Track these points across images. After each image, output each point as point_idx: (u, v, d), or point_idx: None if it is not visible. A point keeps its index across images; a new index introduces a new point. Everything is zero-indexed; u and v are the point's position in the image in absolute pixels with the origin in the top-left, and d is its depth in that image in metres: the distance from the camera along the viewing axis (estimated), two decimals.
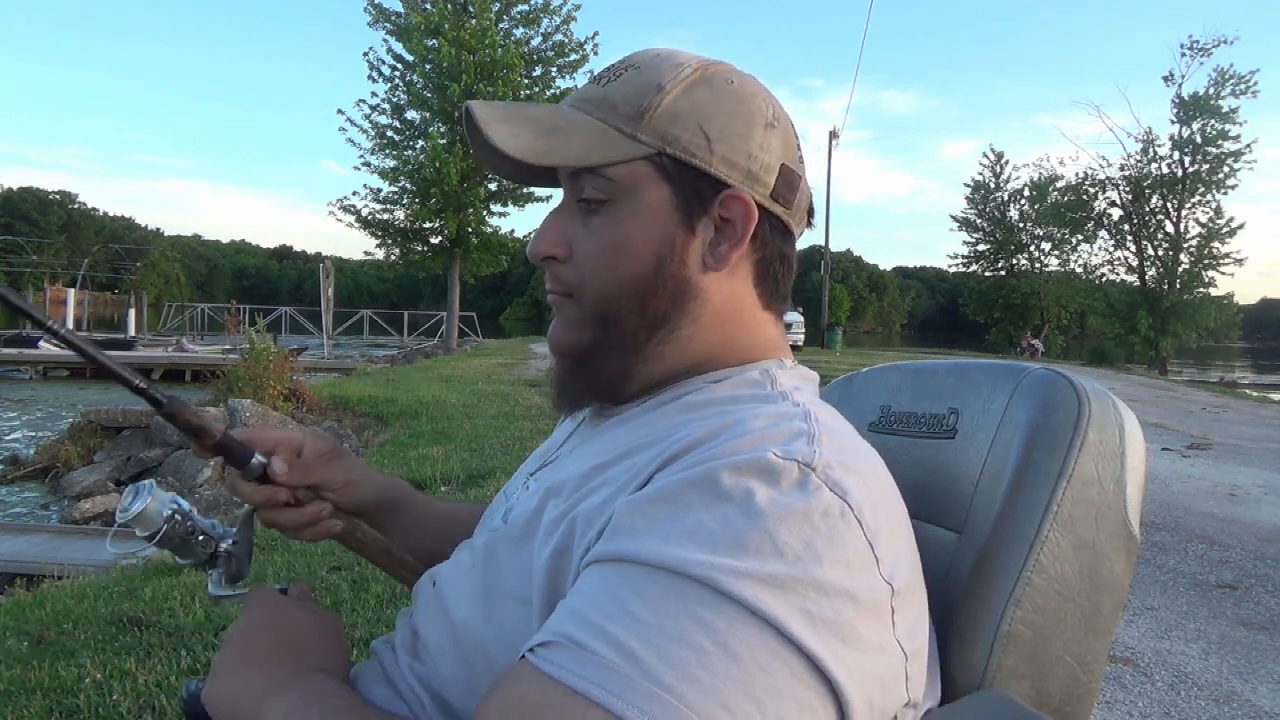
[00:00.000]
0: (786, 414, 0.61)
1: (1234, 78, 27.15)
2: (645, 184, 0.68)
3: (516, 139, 0.67)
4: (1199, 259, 28.53)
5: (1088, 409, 0.71)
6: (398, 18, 18.96)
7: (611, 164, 0.67)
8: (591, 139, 0.67)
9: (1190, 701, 2.73)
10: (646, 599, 0.50)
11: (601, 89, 0.70)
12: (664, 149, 0.67)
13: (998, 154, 38.38)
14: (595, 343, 0.71)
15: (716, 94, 0.69)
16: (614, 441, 0.68)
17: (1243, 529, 4.96)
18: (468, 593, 0.68)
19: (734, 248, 0.69)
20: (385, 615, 2.78)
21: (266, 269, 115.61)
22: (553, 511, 0.65)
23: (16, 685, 2.35)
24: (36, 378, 20.03)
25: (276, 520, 0.84)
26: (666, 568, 0.51)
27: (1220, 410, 12.41)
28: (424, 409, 8.64)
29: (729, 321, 0.71)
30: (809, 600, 0.50)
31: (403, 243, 20.66)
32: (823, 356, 20.10)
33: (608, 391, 0.73)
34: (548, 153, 0.67)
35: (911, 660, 0.57)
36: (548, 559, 0.61)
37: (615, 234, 0.68)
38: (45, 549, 5.42)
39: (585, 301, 0.70)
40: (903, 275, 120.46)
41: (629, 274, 0.68)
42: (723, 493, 0.53)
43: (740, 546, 0.51)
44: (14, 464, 9.62)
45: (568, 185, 0.71)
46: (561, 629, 0.52)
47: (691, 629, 0.49)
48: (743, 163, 0.68)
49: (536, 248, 0.72)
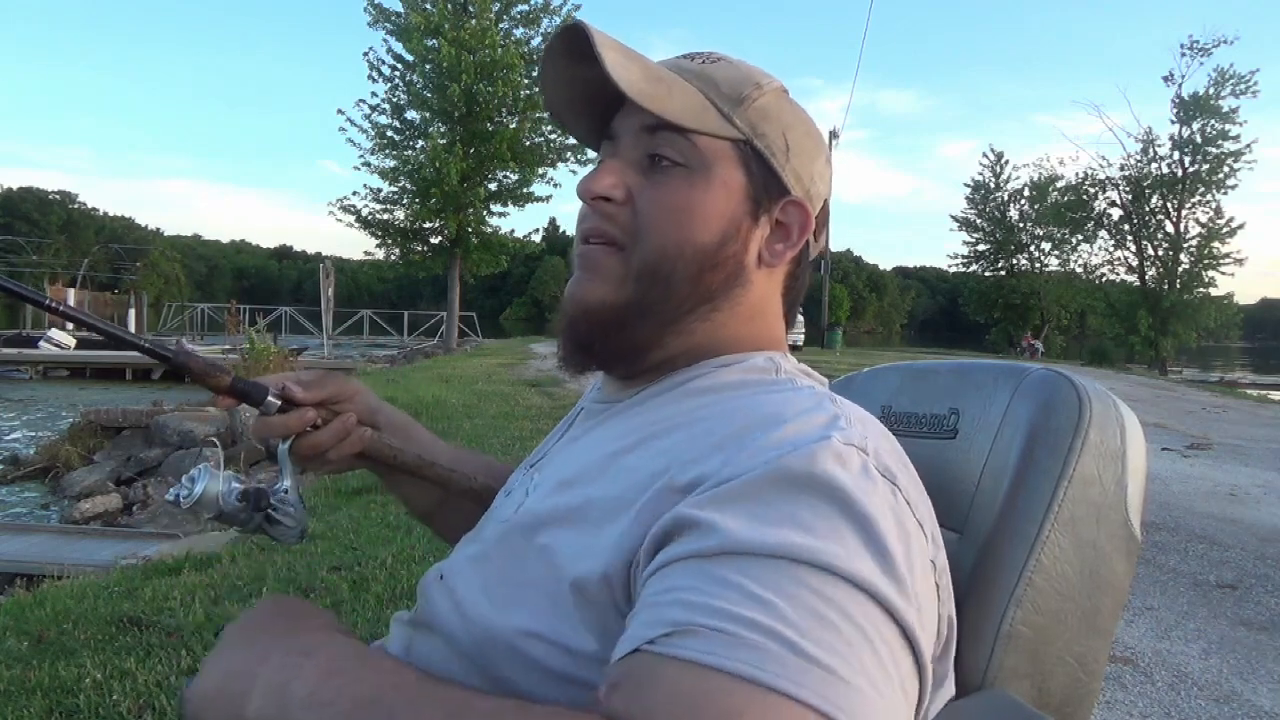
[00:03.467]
0: (813, 398, 0.62)
1: (1234, 78, 27.17)
2: (725, 164, 0.69)
3: (630, 72, 0.66)
4: (1199, 259, 28.53)
5: (1089, 409, 0.71)
6: (398, 18, 18.96)
7: (703, 133, 0.68)
8: (691, 102, 0.68)
9: (1190, 701, 2.73)
10: (768, 584, 0.49)
11: (698, 66, 0.71)
12: (751, 139, 0.70)
13: (998, 154, 38.41)
14: (635, 301, 0.69)
15: (796, 113, 0.74)
16: (626, 427, 0.68)
17: (1243, 529, 4.96)
18: (481, 585, 0.66)
19: (789, 249, 0.72)
20: (385, 615, 2.78)
21: (266, 269, 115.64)
22: (570, 501, 0.64)
23: (16, 685, 2.35)
24: (36, 378, 20.02)
25: (314, 443, 0.83)
26: (777, 554, 0.50)
27: (1220, 410, 12.41)
28: (424, 409, 8.64)
29: (757, 318, 0.73)
30: (897, 578, 0.52)
31: (403, 243, 20.68)
32: (823, 356, 20.09)
33: (630, 358, 0.72)
34: (653, 97, 0.66)
35: (946, 639, 0.60)
36: (573, 548, 0.60)
37: (687, 198, 0.68)
38: (45, 549, 5.41)
39: (638, 253, 0.69)
40: (903, 275, 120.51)
41: (695, 239, 0.68)
42: (805, 483, 0.53)
43: (837, 531, 0.51)
44: (14, 464, 9.63)
45: (637, 138, 0.70)
46: (685, 617, 0.49)
47: (821, 606, 0.49)
48: (805, 180, 0.73)
49: (594, 184, 0.70)
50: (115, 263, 57.10)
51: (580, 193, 0.71)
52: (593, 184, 0.70)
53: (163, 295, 54.98)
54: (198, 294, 70.95)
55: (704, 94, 0.69)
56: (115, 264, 57.05)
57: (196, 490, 0.79)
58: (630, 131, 0.70)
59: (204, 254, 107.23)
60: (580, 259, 0.71)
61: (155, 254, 67.31)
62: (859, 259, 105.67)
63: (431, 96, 18.76)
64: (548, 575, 0.61)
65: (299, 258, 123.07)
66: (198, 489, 0.79)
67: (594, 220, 0.70)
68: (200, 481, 0.79)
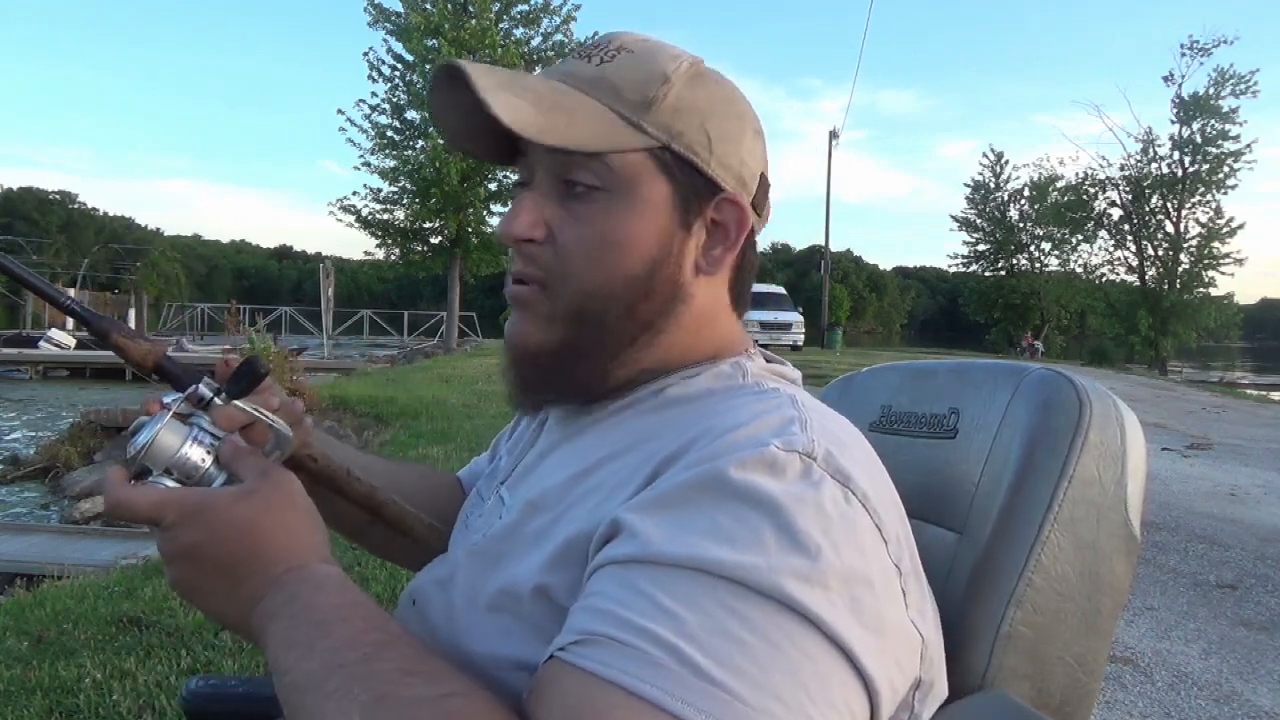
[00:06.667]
0: (772, 402, 0.60)
1: (1234, 78, 27.19)
2: (645, 177, 0.64)
3: (519, 111, 0.61)
4: (1199, 259, 28.54)
5: (1089, 409, 0.71)
6: (398, 18, 18.97)
7: (614, 151, 0.63)
8: (594, 122, 0.63)
9: (1190, 701, 2.73)
10: (679, 597, 0.49)
11: (596, 69, 0.66)
12: (669, 143, 0.64)
13: (997, 154, 38.43)
14: (569, 342, 0.66)
15: (712, 94, 0.67)
16: (590, 447, 0.66)
17: (1243, 529, 4.96)
18: (449, 609, 0.65)
19: (727, 251, 0.68)
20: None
21: (266, 269, 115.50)
22: (536, 524, 0.63)
23: (16, 685, 2.35)
24: (36, 378, 20.02)
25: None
26: (692, 566, 0.50)
27: (1220, 410, 12.41)
28: (424, 409, 8.63)
29: (706, 324, 0.69)
30: (832, 589, 0.50)
31: (403, 243, 20.67)
32: (823, 356, 20.09)
33: (578, 394, 0.69)
34: (550, 130, 0.61)
35: (926, 641, 0.57)
36: (542, 571, 0.59)
37: (610, 227, 0.64)
38: (45, 549, 5.42)
39: (563, 295, 0.65)
40: (903, 275, 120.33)
41: (622, 274, 0.64)
42: (732, 491, 0.52)
43: (759, 542, 0.50)
44: (14, 464, 9.62)
45: (548, 163, 0.65)
46: (593, 627, 0.49)
47: (730, 623, 0.48)
48: (735, 167, 0.67)
49: (513, 227, 0.65)
50: (115, 263, 57.09)
51: (500, 236, 0.66)
52: (511, 227, 0.65)
53: (163, 295, 54.88)
54: (198, 294, 70.86)
55: (608, 106, 0.64)
56: (115, 264, 57.04)
57: (141, 438, 0.61)
58: (538, 153, 0.65)
59: (204, 254, 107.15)
60: (510, 299, 0.68)
61: (155, 254, 67.18)
62: (859, 259, 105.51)
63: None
64: (512, 600, 0.60)
65: (299, 258, 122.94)
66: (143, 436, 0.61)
67: (518, 262, 0.66)
68: (150, 427, 0.61)
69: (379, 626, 0.54)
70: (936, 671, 0.59)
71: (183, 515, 0.58)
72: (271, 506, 0.60)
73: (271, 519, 0.59)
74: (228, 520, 0.58)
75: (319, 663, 0.51)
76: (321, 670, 0.50)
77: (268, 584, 0.57)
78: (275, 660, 0.53)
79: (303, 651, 0.52)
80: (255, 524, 0.58)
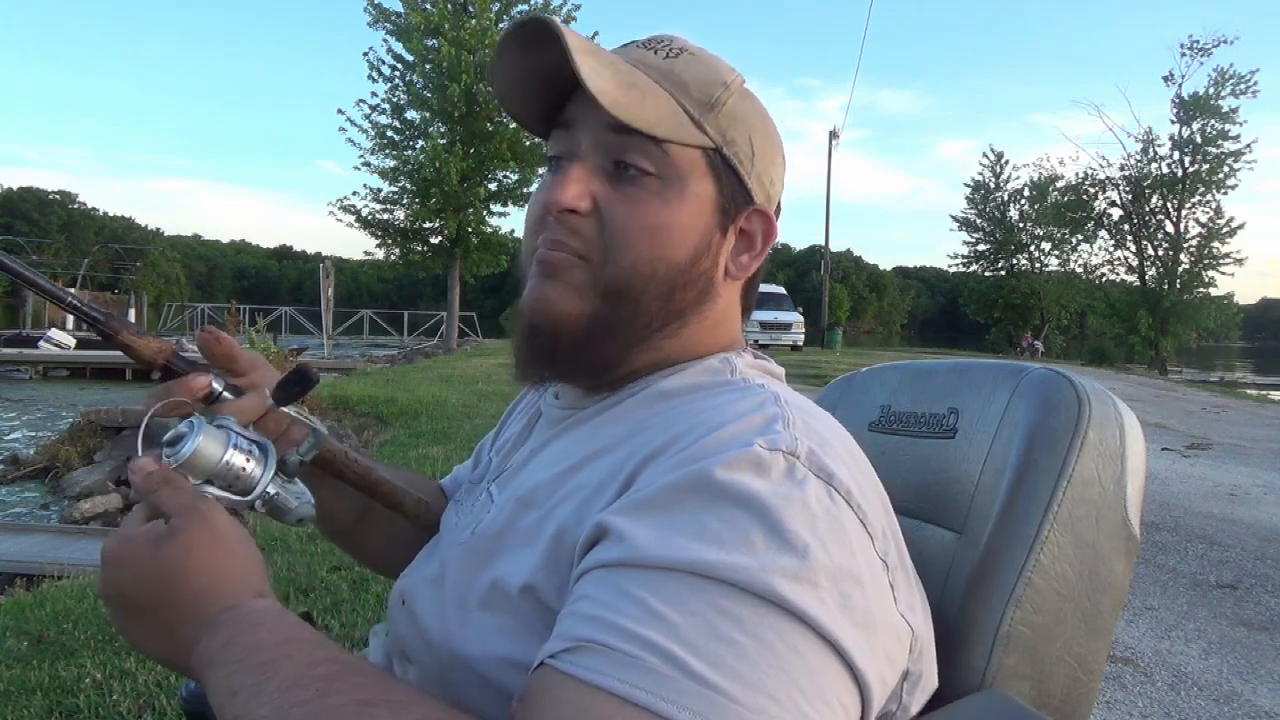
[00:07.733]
0: (756, 399, 0.61)
1: (1234, 78, 27.19)
2: (697, 174, 0.66)
3: (603, 80, 0.62)
4: (1199, 259, 28.54)
5: (1088, 409, 0.71)
6: (398, 18, 18.95)
7: (677, 142, 0.65)
8: (663, 109, 0.65)
9: (1190, 701, 2.73)
10: (669, 599, 0.49)
11: (664, 61, 0.67)
12: (721, 147, 0.67)
13: (997, 154, 38.40)
14: (602, 317, 0.66)
15: (758, 111, 0.71)
16: (578, 444, 0.67)
17: (1243, 529, 4.96)
18: (440, 607, 0.65)
19: (753, 260, 0.71)
20: (384, 616, 2.78)
21: (266, 269, 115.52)
22: (526, 521, 0.63)
23: (16, 685, 2.35)
24: (36, 378, 20.01)
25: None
26: (681, 568, 0.50)
27: (1220, 410, 12.41)
28: (424, 409, 8.63)
29: (722, 323, 0.71)
30: (822, 587, 0.50)
31: (403, 243, 20.66)
32: (823, 356, 20.09)
33: (590, 373, 0.69)
34: (624, 106, 0.62)
35: (915, 633, 0.57)
36: (531, 569, 0.59)
37: (662, 213, 0.65)
38: (45, 549, 5.41)
39: (608, 269, 0.65)
40: (903, 275, 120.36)
41: (667, 258, 0.66)
42: (719, 491, 0.52)
43: (748, 542, 0.50)
44: (14, 464, 9.62)
45: (599, 138, 0.65)
46: (584, 633, 0.49)
47: (721, 624, 0.48)
48: (767, 185, 0.71)
49: (562, 196, 0.64)
50: (115, 263, 57.02)
51: (546, 205, 0.66)
52: (560, 195, 0.64)
53: (163, 295, 54.95)
54: (198, 294, 70.96)
55: (675, 99, 0.66)
56: (115, 264, 56.97)
57: (185, 449, 0.61)
58: (591, 129, 0.66)
59: (204, 254, 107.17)
60: (542, 264, 0.66)
61: (155, 254, 67.18)
62: (859, 259, 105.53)
63: (431, 96, 18.74)
64: (503, 598, 0.60)
65: (299, 258, 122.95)
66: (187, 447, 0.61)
67: (557, 231, 0.66)
68: (192, 438, 0.61)
69: (326, 658, 0.51)
70: (925, 663, 0.60)
71: (105, 560, 0.57)
72: (194, 546, 0.56)
73: (196, 560, 0.56)
74: (149, 563, 0.56)
75: (270, 708, 0.48)
76: (274, 715, 0.47)
77: (201, 628, 0.54)
78: (221, 710, 0.50)
79: (249, 696, 0.49)
80: (178, 567, 0.56)
